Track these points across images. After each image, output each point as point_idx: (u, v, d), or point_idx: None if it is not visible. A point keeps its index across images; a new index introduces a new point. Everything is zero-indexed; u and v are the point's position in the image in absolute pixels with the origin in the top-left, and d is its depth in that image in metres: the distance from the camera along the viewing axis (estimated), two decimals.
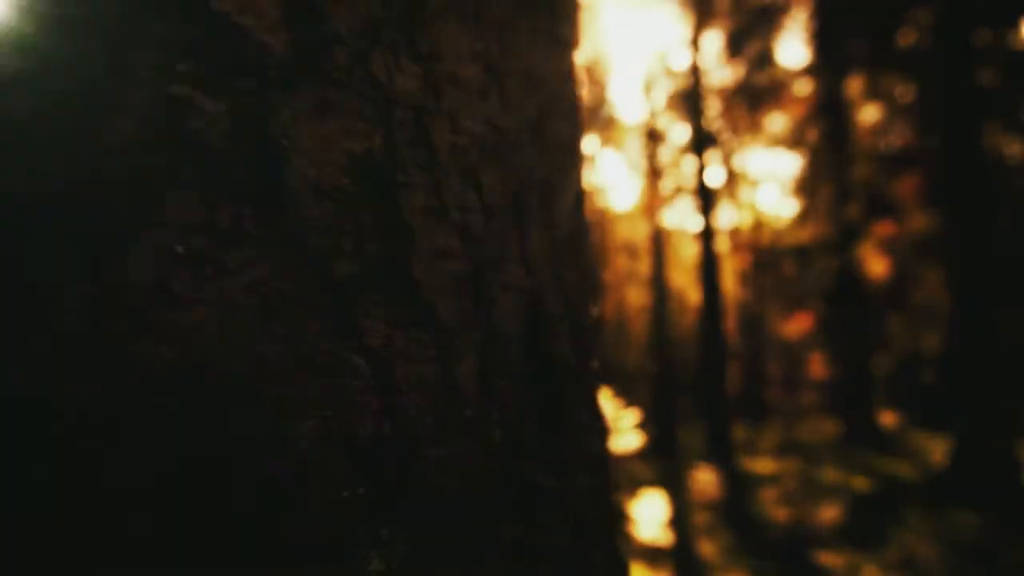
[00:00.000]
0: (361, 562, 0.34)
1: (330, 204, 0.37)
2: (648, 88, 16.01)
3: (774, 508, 8.32)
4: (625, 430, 7.68)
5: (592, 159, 19.68)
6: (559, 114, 0.67)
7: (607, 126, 19.66)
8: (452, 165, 0.46)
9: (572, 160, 0.71)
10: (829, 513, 7.73)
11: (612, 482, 0.76)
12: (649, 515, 7.82)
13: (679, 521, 7.81)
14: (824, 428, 15.37)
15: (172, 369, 0.30)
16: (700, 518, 8.04)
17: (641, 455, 10.90)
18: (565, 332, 0.62)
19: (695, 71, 13.14)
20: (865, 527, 7.11)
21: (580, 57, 0.81)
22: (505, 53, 0.56)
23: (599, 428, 0.70)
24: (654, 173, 16.50)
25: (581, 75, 0.81)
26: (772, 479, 10.04)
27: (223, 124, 0.33)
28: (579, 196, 0.74)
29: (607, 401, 7.22)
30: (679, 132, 17.15)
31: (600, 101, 18.87)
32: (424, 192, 0.43)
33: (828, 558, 6.18)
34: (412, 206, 0.42)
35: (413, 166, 0.43)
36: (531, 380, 0.53)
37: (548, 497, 0.52)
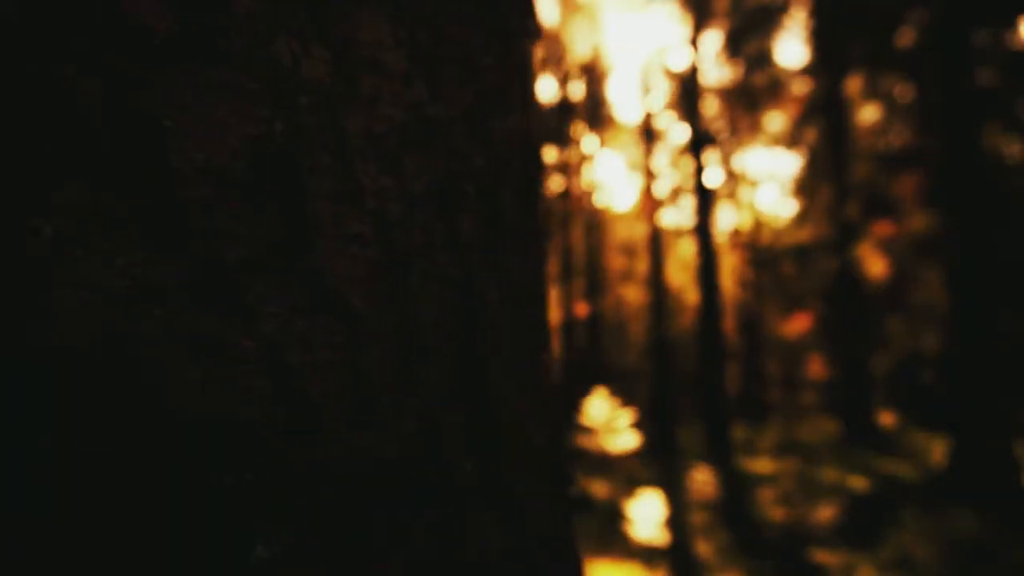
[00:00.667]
0: (242, 550, 0.33)
1: (221, 188, 0.36)
2: (646, 88, 15.99)
3: (772, 508, 8.31)
4: (622, 430, 7.65)
5: (589, 158, 19.64)
6: (503, 105, 0.67)
7: (605, 126, 19.63)
8: (368, 151, 0.46)
9: (518, 152, 0.70)
10: (827, 513, 7.72)
11: (563, 476, 0.75)
12: (646, 515, 7.80)
13: (677, 521, 7.80)
14: (823, 428, 15.35)
15: (41, 353, 0.30)
16: (698, 518, 8.03)
17: (639, 455, 10.89)
18: (503, 324, 0.61)
19: (694, 71, 13.12)
20: (863, 527, 7.10)
21: (534, 47, 0.81)
22: (437, 41, 0.55)
23: (544, 421, 0.69)
24: (652, 173, 16.47)
25: (535, 66, 0.80)
26: (770, 479, 10.03)
27: (100, 103, 0.33)
28: (528, 188, 0.73)
29: (605, 400, 7.20)
30: (678, 132, 17.13)
31: (598, 101, 18.84)
32: (333, 177, 0.43)
33: (825, 558, 6.16)
34: (318, 191, 0.42)
35: (321, 151, 0.42)
36: (458, 370, 0.52)
37: (474, 488, 0.52)
